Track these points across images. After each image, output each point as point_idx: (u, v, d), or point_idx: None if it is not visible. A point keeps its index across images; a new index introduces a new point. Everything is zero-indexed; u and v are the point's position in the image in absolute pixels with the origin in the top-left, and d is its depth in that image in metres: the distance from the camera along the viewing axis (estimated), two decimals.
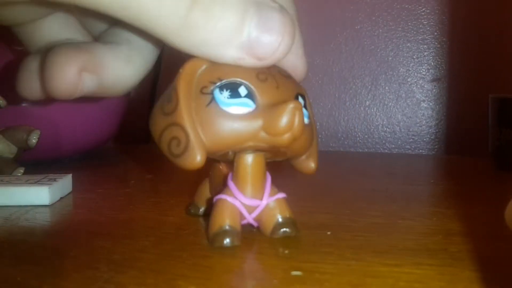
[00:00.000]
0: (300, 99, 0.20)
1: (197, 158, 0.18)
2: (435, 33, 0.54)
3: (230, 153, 0.19)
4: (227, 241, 0.19)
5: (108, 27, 0.22)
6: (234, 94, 0.18)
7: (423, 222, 0.24)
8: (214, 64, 0.19)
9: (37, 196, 0.27)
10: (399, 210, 0.25)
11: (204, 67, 0.19)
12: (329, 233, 0.21)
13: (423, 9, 0.54)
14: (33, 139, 0.35)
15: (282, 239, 0.20)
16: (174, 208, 0.26)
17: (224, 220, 0.20)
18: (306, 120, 0.19)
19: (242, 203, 0.20)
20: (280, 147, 0.19)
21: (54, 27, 0.22)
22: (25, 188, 0.27)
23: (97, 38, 0.23)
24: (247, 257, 0.19)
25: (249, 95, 0.18)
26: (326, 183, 0.33)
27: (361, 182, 0.33)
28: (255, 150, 0.19)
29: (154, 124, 0.19)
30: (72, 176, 0.30)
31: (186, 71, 0.19)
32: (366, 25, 0.56)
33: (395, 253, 0.19)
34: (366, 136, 0.57)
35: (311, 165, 0.21)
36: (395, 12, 0.54)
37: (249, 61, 0.18)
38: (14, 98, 0.38)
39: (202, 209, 0.24)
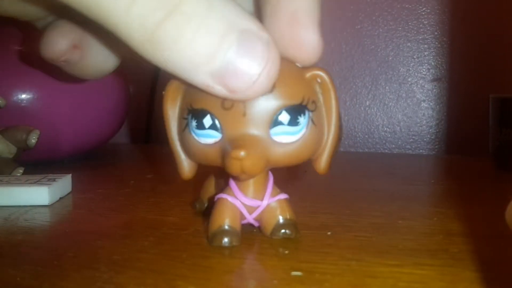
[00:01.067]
0: (285, 115, 0.17)
1: (184, 173, 0.20)
2: (436, 33, 0.54)
3: None
4: (225, 240, 0.19)
5: None
6: (200, 125, 0.18)
7: (423, 222, 0.24)
8: (190, 85, 0.18)
9: (36, 196, 0.27)
10: (399, 210, 0.25)
11: (185, 85, 0.18)
12: (329, 233, 0.21)
13: (424, 8, 0.54)
14: (33, 139, 0.35)
15: (282, 239, 0.20)
16: (174, 208, 0.26)
17: (224, 219, 0.20)
18: (293, 138, 0.18)
19: (242, 203, 0.20)
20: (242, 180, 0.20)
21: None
22: (25, 188, 0.27)
23: None
24: (247, 257, 0.19)
25: (214, 126, 0.18)
26: (326, 183, 0.33)
27: (361, 182, 0.33)
28: None
29: None
30: (72, 176, 0.30)
31: (168, 93, 0.19)
32: (366, 25, 0.55)
33: (396, 253, 0.19)
34: (366, 136, 0.57)
35: (320, 165, 0.20)
36: (396, 11, 0.54)
37: (219, 91, 0.16)
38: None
39: (207, 205, 0.24)
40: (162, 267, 0.18)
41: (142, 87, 0.63)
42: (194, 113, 0.18)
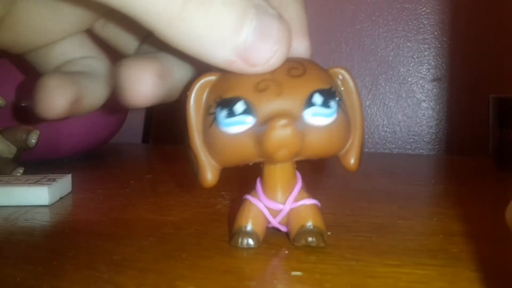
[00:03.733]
0: (318, 97, 0.17)
1: (208, 178, 0.19)
2: (436, 33, 0.54)
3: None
4: (243, 242, 0.19)
5: (139, 46, 0.23)
6: (230, 112, 0.17)
7: (423, 222, 0.24)
8: (219, 80, 0.18)
9: (36, 196, 0.27)
10: (399, 210, 0.25)
11: (211, 83, 0.19)
12: (329, 233, 0.21)
13: (424, 8, 0.54)
14: (33, 139, 0.35)
15: (281, 239, 0.20)
16: (173, 208, 0.26)
17: (246, 220, 0.20)
18: (327, 120, 0.18)
19: (265, 205, 0.20)
20: (279, 162, 0.19)
21: (68, 48, 0.23)
22: (25, 188, 0.27)
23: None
24: (247, 257, 0.19)
25: (247, 111, 0.17)
26: (326, 183, 0.33)
27: (361, 182, 0.33)
28: None
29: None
30: (72, 176, 0.30)
31: (193, 92, 0.19)
32: (367, 25, 0.55)
33: (396, 254, 0.19)
34: (366, 136, 0.57)
35: (350, 161, 0.19)
36: (396, 11, 0.54)
37: (240, 65, 0.17)
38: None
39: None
40: (162, 267, 0.18)
41: None
42: (224, 103, 0.18)
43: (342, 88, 0.19)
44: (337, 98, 0.18)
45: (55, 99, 0.20)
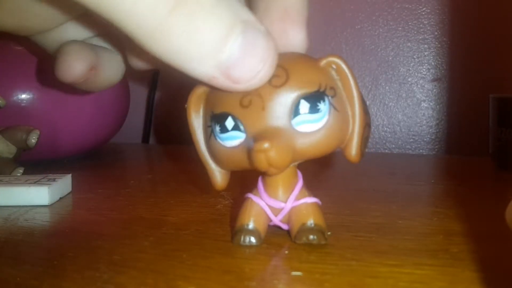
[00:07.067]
0: (304, 104, 0.17)
1: (218, 182, 0.20)
2: (436, 33, 0.54)
3: None
4: (246, 239, 0.20)
5: None
6: (223, 128, 0.18)
7: (423, 222, 0.24)
8: (210, 92, 0.19)
9: (36, 196, 0.27)
10: (399, 210, 0.25)
11: (206, 93, 0.19)
12: (329, 233, 0.21)
13: (424, 8, 0.54)
14: (33, 139, 0.35)
15: (281, 239, 0.20)
16: (173, 208, 0.26)
17: (248, 219, 0.20)
18: (317, 125, 0.17)
19: (267, 204, 0.20)
20: (274, 175, 0.19)
21: (77, 29, 0.24)
22: (25, 188, 0.27)
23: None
24: (247, 257, 0.19)
25: (236, 127, 0.18)
26: (326, 183, 0.33)
27: (361, 182, 0.33)
28: None
29: None
30: (72, 176, 0.30)
31: (191, 104, 0.19)
32: (367, 25, 0.55)
33: (396, 254, 0.19)
34: None
35: (351, 153, 0.19)
36: (396, 11, 0.54)
37: (222, 82, 0.16)
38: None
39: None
40: (162, 267, 0.18)
41: (142, 87, 0.63)
42: (216, 118, 0.18)
43: (337, 77, 0.18)
44: (327, 98, 0.18)
45: (76, 61, 0.22)
